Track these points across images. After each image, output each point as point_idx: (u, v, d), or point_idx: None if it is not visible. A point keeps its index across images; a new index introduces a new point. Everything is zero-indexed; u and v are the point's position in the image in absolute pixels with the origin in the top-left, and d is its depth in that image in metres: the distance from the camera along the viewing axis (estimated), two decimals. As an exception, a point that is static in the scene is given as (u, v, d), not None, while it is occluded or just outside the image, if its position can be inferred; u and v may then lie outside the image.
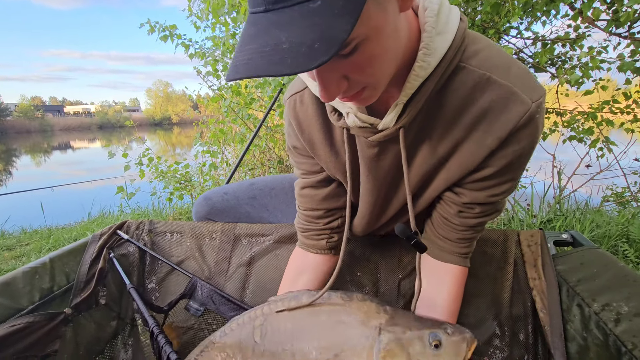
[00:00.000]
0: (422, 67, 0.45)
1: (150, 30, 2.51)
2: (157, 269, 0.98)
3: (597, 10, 1.91)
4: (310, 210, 0.71)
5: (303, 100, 0.59)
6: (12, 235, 2.95)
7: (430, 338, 0.51)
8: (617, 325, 0.55)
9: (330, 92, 0.40)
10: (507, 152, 0.50)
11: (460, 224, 0.60)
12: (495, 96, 0.46)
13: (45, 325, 0.77)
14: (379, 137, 0.51)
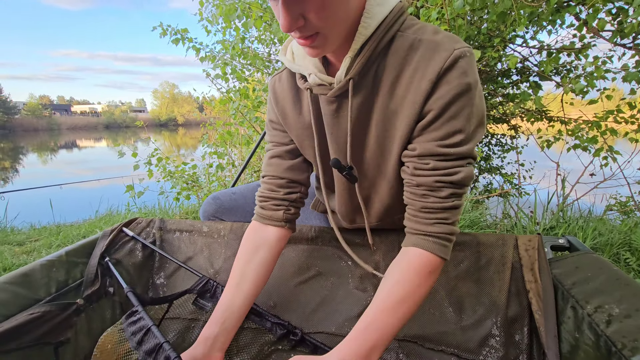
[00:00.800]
0: (364, 27, 0.54)
1: (162, 33, 2.58)
2: (167, 265, 1.02)
3: (602, 21, 1.93)
4: (274, 179, 0.78)
5: (281, 78, 0.72)
6: (22, 232, 3.02)
7: None
8: (609, 326, 0.58)
9: (289, 23, 0.49)
10: (441, 94, 0.55)
11: (420, 184, 0.60)
12: (424, 50, 0.56)
13: (59, 314, 0.80)
14: (335, 92, 0.60)
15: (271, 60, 3.16)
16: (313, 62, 0.62)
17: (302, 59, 0.63)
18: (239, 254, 0.79)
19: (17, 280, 0.79)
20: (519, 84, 2.85)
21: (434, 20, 1.89)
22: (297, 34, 0.52)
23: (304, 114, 0.70)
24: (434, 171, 0.58)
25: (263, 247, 0.77)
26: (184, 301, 0.95)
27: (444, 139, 0.57)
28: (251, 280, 0.76)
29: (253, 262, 0.77)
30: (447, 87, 0.55)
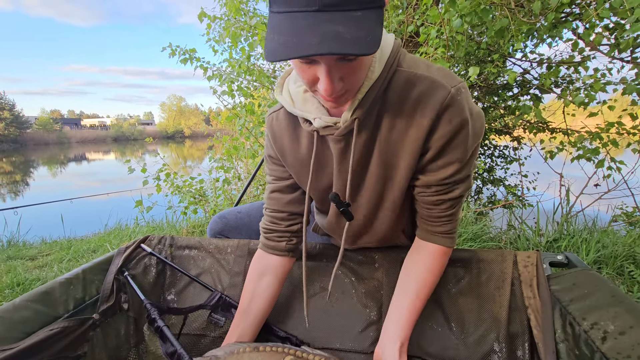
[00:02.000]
0: (372, 72, 0.59)
1: (171, 53, 2.68)
2: (177, 282, 1.06)
3: (599, 37, 1.98)
4: (276, 212, 0.82)
5: (278, 117, 0.75)
6: (34, 246, 3.08)
7: None
8: (604, 343, 0.60)
9: (333, 88, 0.52)
10: (441, 132, 0.60)
11: (423, 202, 0.71)
12: (422, 87, 0.59)
13: (77, 329, 0.84)
14: (342, 131, 0.63)
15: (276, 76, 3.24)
16: (315, 106, 0.65)
17: (302, 104, 0.65)
18: (247, 281, 0.86)
19: (37, 298, 0.84)
20: (519, 97, 2.88)
21: (433, 39, 1.95)
22: (330, 96, 0.53)
23: (301, 152, 0.73)
24: (435, 193, 0.68)
25: (268, 274, 0.84)
26: (195, 317, 0.98)
27: (443, 172, 0.65)
28: (259, 305, 0.83)
29: (260, 288, 0.84)
30: (447, 127, 0.59)
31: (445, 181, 0.65)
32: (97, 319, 0.89)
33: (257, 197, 3.48)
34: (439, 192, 0.68)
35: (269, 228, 0.84)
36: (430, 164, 0.65)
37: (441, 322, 0.87)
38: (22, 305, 0.78)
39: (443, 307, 0.88)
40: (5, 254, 2.72)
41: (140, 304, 1.02)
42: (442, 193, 0.68)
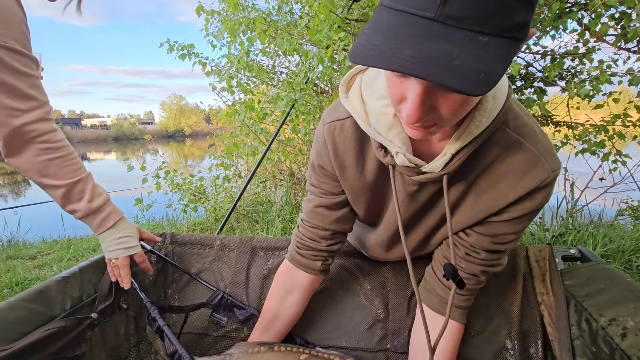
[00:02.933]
0: (476, 126, 0.50)
1: (169, 49, 2.64)
2: (178, 279, 1.03)
3: (605, 26, 1.93)
4: (318, 229, 0.74)
5: (343, 128, 0.62)
6: (34, 245, 3.07)
7: None
8: (624, 340, 0.57)
9: (419, 115, 0.41)
10: (521, 207, 0.56)
11: (466, 268, 0.65)
12: (524, 159, 0.53)
13: (75, 329, 0.82)
14: (424, 179, 0.55)
15: (276, 72, 3.21)
16: (399, 137, 0.54)
17: (386, 128, 0.54)
18: (271, 295, 0.81)
19: (32, 297, 0.81)
20: (523, 90, 2.84)
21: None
22: (416, 124, 0.44)
23: (366, 174, 0.64)
24: (483, 261, 0.64)
25: (295, 292, 0.79)
26: (197, 315, 0.96)
27: (500, 237, 0.60)
28: (282, 323, 0.80)
29: (285, 307, 0.79)
30: (529, 204, 0.56)
31: (498, 247, 0.62)
32: (95, 318, 0.87)
33: (257, 195, 3.45)
34: (486, 260, 0.64)
35: (305, 244, 0.75)
36: (492, 222, 0.60)
37: (450, 319, 0.84)
38: (17, 305, 0.76)
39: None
40: (5, 253, 2.70)
41: (140, 303, 1.00)
42: (489, 264, 0.65)
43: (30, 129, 0.65)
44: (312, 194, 0.74)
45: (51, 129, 0.69)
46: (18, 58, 0.61)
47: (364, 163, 0.63)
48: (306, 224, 0.75)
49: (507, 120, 0.53)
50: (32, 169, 0.70)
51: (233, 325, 0.94)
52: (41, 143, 0.67)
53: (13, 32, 0.59)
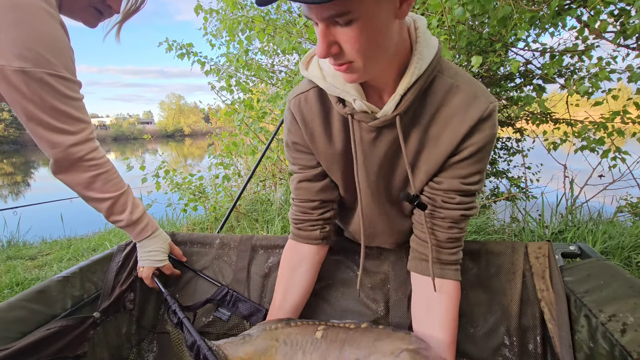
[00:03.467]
0: (417, 68, 0.58)
1: (168, 48, 2.64)
2: (180, 278, 1.03)
3: (605, 23, 1.93)
4: (307, 202, 0.79)
5: (307, 99, 0.70)
6: (34, 246, 3.07)
7: None
8: (623, 336, 0.57)
9: (324, 49, 0.51)
10: (474, 141, 0.62)
11: (446, 217, 0.69)
12: (464, 98, 0.61)
13: (77, 328, 0.82)
14: (379, 123, 0.63)
15: (275, 71, 3.20)
16: (355, 88, 0.62)
17: (341, 84, 0.63)
18: (280, 275, 0.83)
19: (33, 297, 0.81)
20: (522, 87, 2.84)
21: (434, 28, 1.90)
22: (332, 60, 0.54)
23: (334, 141, 0.70)
24: (459, 205, 0.68)
25: (303, 264, 0.82)
26: (200, 313, 0.96)
27: (467, 177, 0.66)
28: (294, 299, 0.81)
29: (294, 282, 0.82)
30: (480, 135, 0.62)
31: (467, 188, 0.66)
32: (97, 317, 0.87)
33: (256, 194, 3.45)
34: (462, 203, 0.68)
35: (300, 218, 0.81)
36: (456, 164, 0.65)
37: (450, 316, 0.84)
38: (17, 305, 0.76)
39: (451, 301, 0.86)
40: (5, 254, 2.70)
41: (145, 303, 1.00)
42: (465, 208, 0.68)
43: (79, 149, 0.71)
44: (294, 173, 0.81)
45: (95, 147, 0.75)
46: (68, 85, 0.67)
47: (330, 130, 0.70)
48: (295, 200, 0.81)
49: (443, 69, 0.62)
50: (81, 185, 0.77)
51: (236, 321, 0.94)
52: (88, 161, 0.74)
53: (64, 61, 0.65)
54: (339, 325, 0.72)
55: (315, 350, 0.68)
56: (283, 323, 0.75)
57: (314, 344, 0.69)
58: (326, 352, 0.67)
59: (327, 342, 0.69)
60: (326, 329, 0.71)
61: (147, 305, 1.00)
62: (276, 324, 0.75)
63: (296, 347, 0.70)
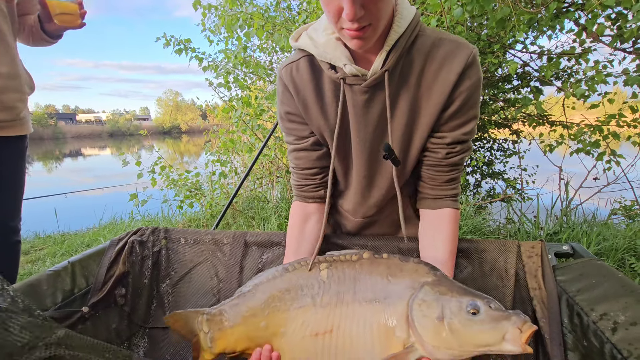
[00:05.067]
0: (398, 25, 0.63)
1: (165, 43, 2.62)
2: (172, 274, 1.02)
3: (602, 27, 1.94)
4: (307, 169, 0.81)
5: (298, 68, 0.72)
6: (27, 240, 3.04)
7: (469, 305, 0.54)
8: (614, 334, 0.58)
9: (355, 11, 0.53)
10: (465, 87, 0.66)
11: (448, 164, 0.74)
12: (447, 48, 0.65)
13: (64, 321, 0.81)
14: (370, 82, 0.66)
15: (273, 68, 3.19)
16: (344, 54, 0.66)
17: (332, 49, 0.66)
18: (290, 229, 0.85)
19: (23, 290, 0.80)
20: (519, 89, 2.85)
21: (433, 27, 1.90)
22: (356, 25, 0.56)
23: (326, 106, 0.73)
24: (460, 152, 0.73)
25: (313, 216, 0.84)
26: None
27: (465, 125, 0.70)
28: (308, 244, 0.82)
29: (307, 231, 0.83)
30: (468, 82, 0.66)
31: (468, 137, 0.71)
32: (86, 312, 0.86)
33: (253, 191, 3.44)
34: (464, 150, 0.73)
35: (302, 184, 0.83)
36: (454, 115, 0.69)
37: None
38: (7, 298, 0.75)
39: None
40: (-3, 248, 2.67)
41: (137, 298, 0.99)
42: (465, 151, 0.73)
43: None
44: (290, 145, 0.83)
45: None
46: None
47: (322, 96, 0.72)
48: (295, 169, 0.83)
49: (424, 29, 0.66)
50: None
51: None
52: None
53: None
54: (339, 259, 0.68)
55: (325, 293, 0.64)
56: (280, 271, 0.71)
57: (321, 287, 0.65)
58: (338, 295, 0.63)
59: (336, 282, 0.65)
60: (329, 267, 0.67)
61: (139, 300, 0.99)
62: (273, 273, 0.71)
63: (301, 293, 0.66)
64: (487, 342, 0.52)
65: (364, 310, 0.61)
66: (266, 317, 0.68)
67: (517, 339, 0.50)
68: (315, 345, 0.63)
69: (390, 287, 0.61)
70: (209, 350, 0.72)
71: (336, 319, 0.62)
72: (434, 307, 0.56)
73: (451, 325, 0.54)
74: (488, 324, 0.52)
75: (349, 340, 0.61)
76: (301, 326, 0.64)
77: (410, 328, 0.57)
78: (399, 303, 0.59)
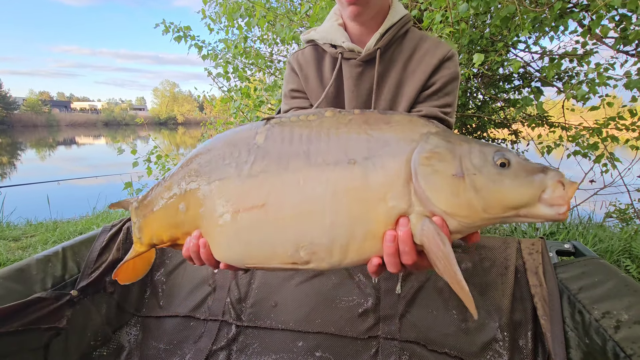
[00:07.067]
0: (392, 15, 0.76)
1: (165, 30, 2.57)
2: (167, 262, 1.00)
3: (606, 28, 1.93)
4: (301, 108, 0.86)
5: (304, 53, 0.86)
6: (18, 227, 2.99)
7: (496, 155, 0.42)
8: (617, 332, 0.57)
9: None
10: (442, 74, 0.77)
11: None
12: (431, 42, 0.79)
13: (52, 303, 0.79)
14: (364, 57, 0.76)
15: (273, 60, 3.15)
16: (343, 35, 0.78)
17: (333, 32, 0.79)
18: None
19: (11, 275, 0.78)
20: (520, 89, 2.85)
21: (437, 23, 1.88)
22: None
23: (324, 80, 0.83)
24: None
25: None
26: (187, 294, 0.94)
27: (442, 107, 0.78)
28: None
29: None
30: (447, 71, 0.77)
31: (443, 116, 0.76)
32: (75, 295, 0.84)
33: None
34: None
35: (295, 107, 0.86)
36: (431, 95, 0.78)
37: (441, 309, 0.83)
38: (-6, 282, 0.72)
39: (442, 293, 0.85)
40: (-13, 234, 2.62)
41: (127, 287, 0.97)
42: None
43: None
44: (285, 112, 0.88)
45: None
46: None
47: (322, 72, 0.84)
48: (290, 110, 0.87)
49: (414, 29, 0.80)
50: None
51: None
52: None
53: None
54: (289, 120, 0.51)
55: (257, 160, 0.48)
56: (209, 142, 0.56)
57: (252, 152, 0.49)
58: (279, 161, 0.47)
59: (277, 144, 0.48)
60: (270, 129, 0.51)
61: (132, 288, 0.97)
62: (202, 147, 0.57)
63: (223, 163, 0.51)
64: (521, 202, 0.40)
65: (325, 176, 0.45)
66: (183, 197, 0.55)
67: (560, 196, 0.39)
68: (236, 226, 0.48)
69: (373, 143, 0.45)
70: (139, 241, 0.64)
71: (273, 190, 0.46)
72: (448, 159, 0.42)
73: (475, 181, 0.41)
74: (523, 178, 0.40)
75: (291, 213, 0.45)
76: (219, 203, 0.50)
77: (413, 192, 0.42)
78: (392, 161, 0.43)
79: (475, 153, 0.43)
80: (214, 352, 0.88)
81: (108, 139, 26.89)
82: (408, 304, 0.85)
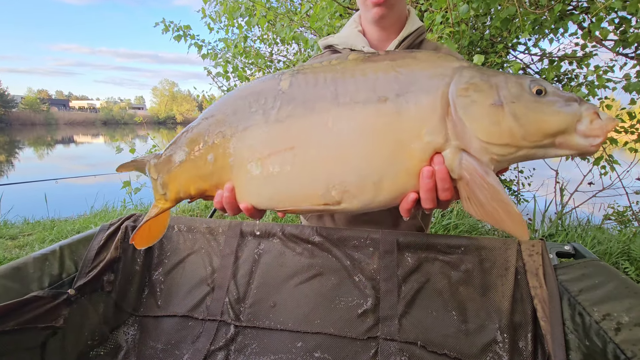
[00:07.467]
0: (410, 24, 0.82)
1: (164, 29, 2.56)
2: (165, 262, 1.00)
3: (606, 30, 1.94)
4: None
5: (322, 56, 0.92)
6: (15, 225, 2.97)
7: (532, 84, 0.43)
8: (617, 334, 0.57)
9: None
10: None
11: None
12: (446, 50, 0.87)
13: (49, 302, 0.78)
14: None
15: (273, 60, 3.15)
16: (363, 41, 0.82)
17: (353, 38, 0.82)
18: None
19: (8, 273, 0.77)
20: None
21: (437, 24, 1.89)
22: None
23: None
24: None
25: None
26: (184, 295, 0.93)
27: None
28: None
29: None
30: None
31: None
32: (72, 294, 0.83)
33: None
34: None
35: None
36: None
37: (441, 310, 0.83)
38: (-10, 280, 0.72)
39: (443, 294, 0.84)
40: (-17, 232, 2.61)
41: (125, 285, 0.96)
42: None
43: None
44: None
45: None
46: None
47: None
48: None
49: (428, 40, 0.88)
50: None
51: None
52: None
53: None
54: (312, 66, 0.52)
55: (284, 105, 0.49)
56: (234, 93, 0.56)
57: (278, 98, 0.50)
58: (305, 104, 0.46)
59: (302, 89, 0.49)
60: (294, 75, 0.51)
61: (129, 287, 0.96)
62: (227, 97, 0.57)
63: (250, 111, 0.51)
64: (559, 127, 0.40)
65: (354, 115, 0.45)
66: (212, 148, 0.55)
67: (599, 127, 0.39)
68: (266, 170, 0.48)
69: (403, 80, 0.45)
70: (163, 198, 0.63)
71: (301, 133, 0.47)
72: (486, 89, 0.43)
73: (514, 109, 0.42)
74: (560, 104, 0.41)
75: (320, 154, 0.45)
76: (248, 151, 0.50)
77: (451, 125, 0.43)
78: (427, 96, 0.44)
79: (512, 82, 0.43)
80: (212, 353, 0.88)
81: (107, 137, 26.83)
82: (408, 304, 0.85)
